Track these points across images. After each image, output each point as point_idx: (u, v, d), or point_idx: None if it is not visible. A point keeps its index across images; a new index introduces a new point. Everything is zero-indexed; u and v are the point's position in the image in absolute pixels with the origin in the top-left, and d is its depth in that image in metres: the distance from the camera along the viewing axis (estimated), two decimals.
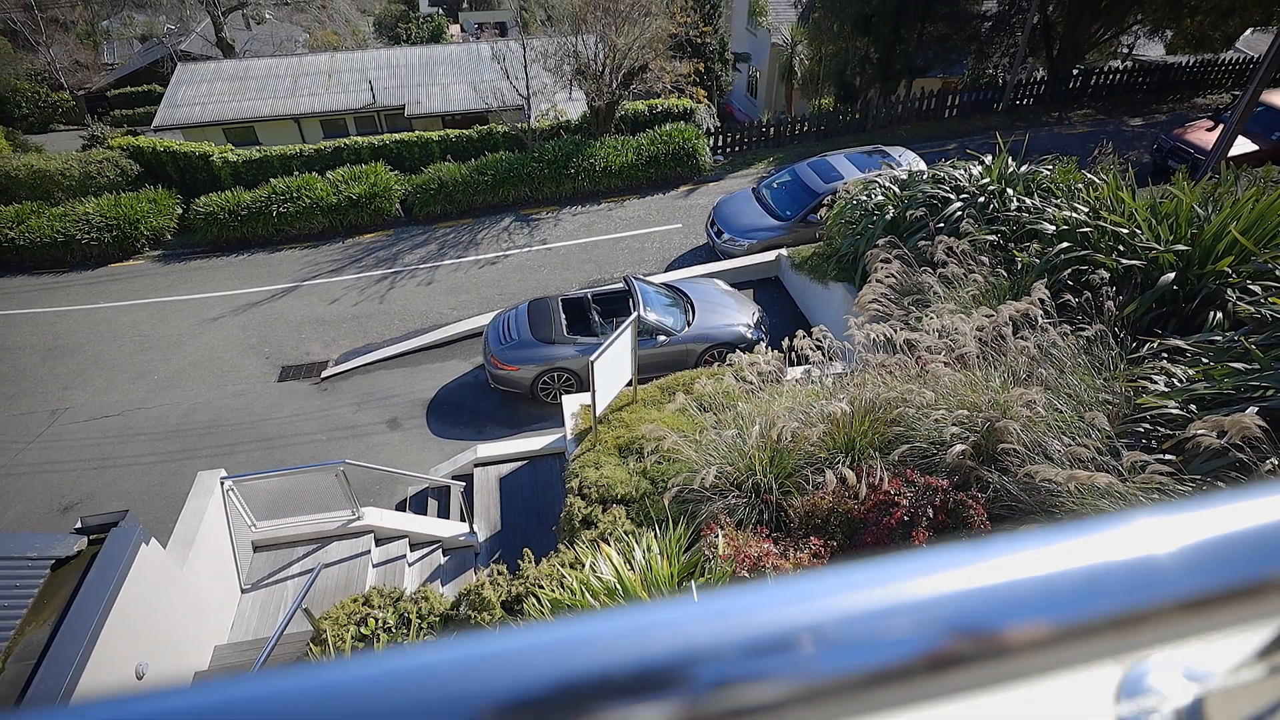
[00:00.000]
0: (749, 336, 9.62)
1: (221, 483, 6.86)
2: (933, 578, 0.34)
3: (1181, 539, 0.36)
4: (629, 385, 7.23)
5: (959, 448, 4.53)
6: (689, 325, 9.74)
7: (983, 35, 21.60)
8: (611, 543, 5.22)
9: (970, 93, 20.53)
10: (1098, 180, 7.60)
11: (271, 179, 16.03)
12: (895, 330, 5.76)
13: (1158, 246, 6.05)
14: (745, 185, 16.02)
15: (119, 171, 16.75)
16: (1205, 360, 4.82)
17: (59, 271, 15.30)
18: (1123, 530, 0.36)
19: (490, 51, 19.82)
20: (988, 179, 8.52)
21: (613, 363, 6.55)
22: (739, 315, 10.01)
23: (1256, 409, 3.94)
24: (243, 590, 6.97)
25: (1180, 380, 4.70)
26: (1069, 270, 6.31)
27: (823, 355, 6.11)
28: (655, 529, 5.25)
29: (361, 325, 12.59)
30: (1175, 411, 4.43)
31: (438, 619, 5.39)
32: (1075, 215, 6.90)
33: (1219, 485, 3.97)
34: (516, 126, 17.24)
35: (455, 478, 8.40)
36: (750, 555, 4.40)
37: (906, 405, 5.22)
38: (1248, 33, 21.90)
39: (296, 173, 16.32)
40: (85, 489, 9.44)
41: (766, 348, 6.28)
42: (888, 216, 8.93)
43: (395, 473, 8.32)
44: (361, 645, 5.23)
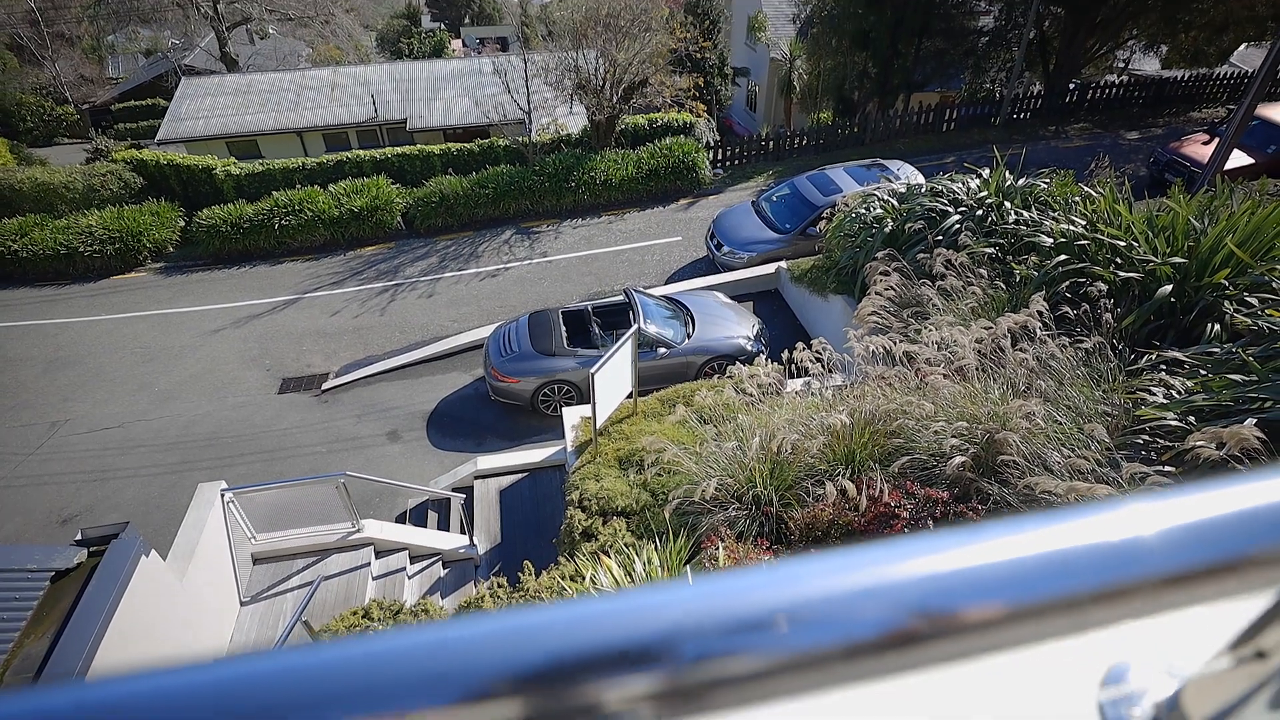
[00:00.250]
0: (749, 349, 9.64)
1: (222, 494, 6.85)
2: (898, 565, 0.37)
3: (1102, 535, 0.40)
4: (629, 397, 7.25)
5: (959, 459, 4.54)
6: (689, 338, 9.77)
7: (979, 50, 21.80)
8: (612, 555, 5.21)
9: (968, 107, 20.70)
10: (1095, 193, 7.65)
11: (274, 192, 16.12)
12: (894, 342, 5.78)
13: (1155, 259, 6.09)
14: (745, 198, 16.10)
15: (122, 184, 16.85)
16: (1203, 372, 4.84)
17: (61, 283, 15.35)
18: (1063, 525, 0.40)
19: (492, 66, 20.00)
20: (986, 192, 8.58)
21: (613, 375, 6.57)
22: (739, 328, 10.04)
23: (1255, 420, 3.95)
24: (242, 603, 6.95)
25: (1179, 392, 4.72)
26: (1067, 283, 6.35)
27: (822, 367, 6.13)
28: (656, 541, 5.24)
29: (362, 337, 12.62)
30: (1174, 423, 4.44)
31: None
32: (1073, 228, 6.94)
33: None
34: (517, 140, 17.37)
35: (455, 490, 8.39)
36: None
37: (906, 417, 5.23)
38: (1242, 48, 22.11)
39: (299, 186, 16.43)
40: (85, 501, 9.42)
41: (766, 360, 6.31)
42: (886, 229, 8.98)
43: (395, 485, 8.32)
44: None
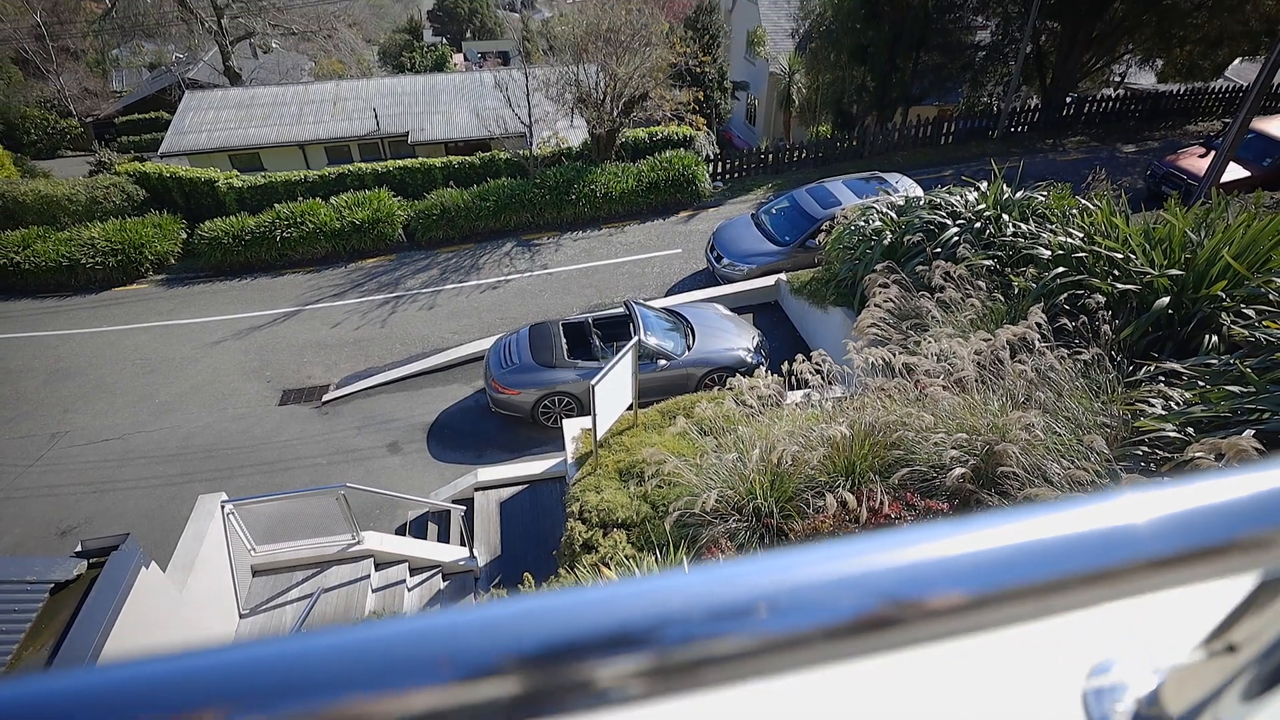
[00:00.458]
0: (749, 360, 9.66)
1: (222, 506, 6.85)
2: (869, 556, 0.41)
3: (1034, 533, 0.44)
4: (629, 409, 7.26)
5: (959, 471, 4.55)
6: (689, 349, 9.79)
7: (977, 64, 21.99)
8: (612, 567, 5.21)
9: (966, 120, 20.85)
10: (1092, 206, 7.70)
11: (276, 204, 16.21)
12: (894, 354, 5.80)
13: (1152, 271, 6.12)
14: (744, 211, 16.18)
15: (125, 197, 16.93)
16: (1201, 383, 4.86)
17: (63, 295, 15.41)
18: (1026, 520, 0.44)
19: (493, 80, 20.16)
20: (984, 205, 8.63)
21: (613, 387, 6.59)
22: (739, 339, 10.07)
23: (1253, 432, 3.97)
24: (241, 615, 6.92)
25: (1177, 403, 4.73)
26: (1065, 295, 6.38)
27: (822, 379, 6.15)
28: (656, 553, 5.24)
29: (363, 349, 12.65)
30: (1173, 434, 4.45)
31: None
32: (1070, 240, 6.98)
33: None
34: (519, 153, 17.48)
35: (455, 502, 8.38)
36: None
37: (906, 429, 5.24)
38: (1236, 62, 22.31)
39: (301, 198, 16.53)
40: (84, 513, 9.41)
41: (766, 372, 6.32)
42: (885, 242, 9.03)
43: (395, 497, 8.30)
44: None
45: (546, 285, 14.40)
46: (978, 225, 8.30)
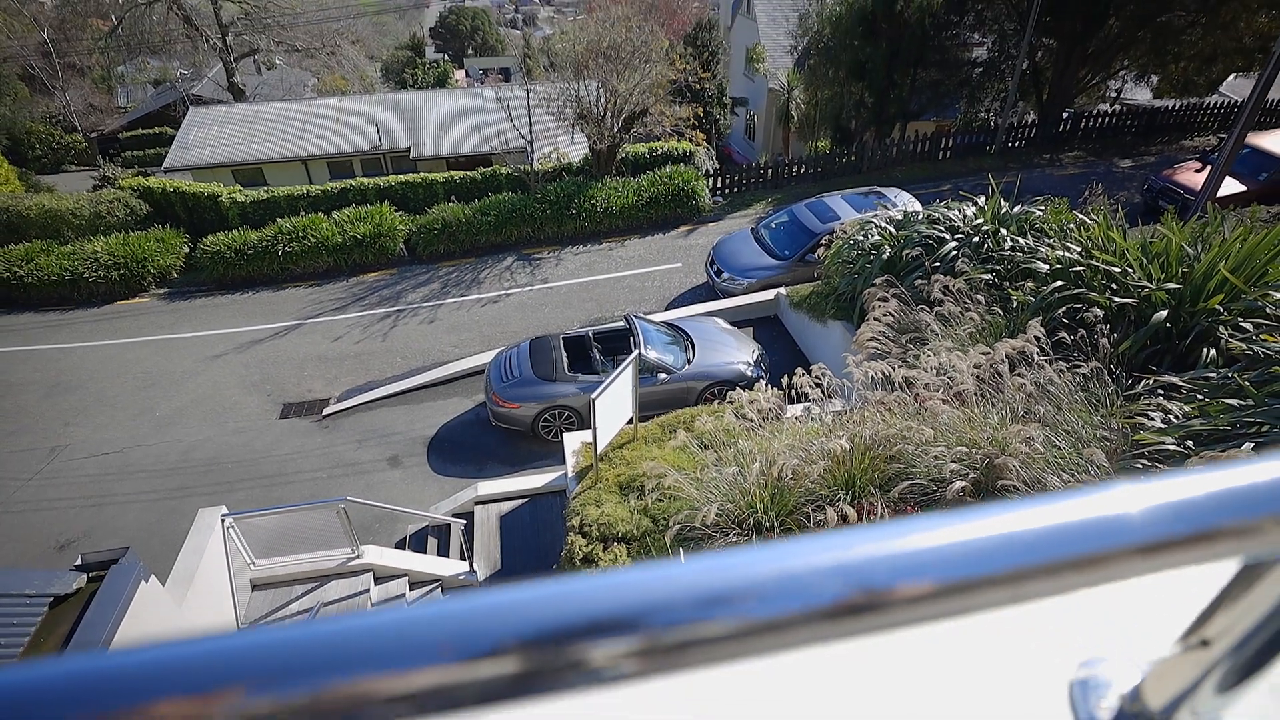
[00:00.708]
0: (749, 374, 9.68)
1: (222, 520, 6.84)
2: (848, 549, 0.44)
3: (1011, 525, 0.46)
4: (630, 423, 7.26)
5: (959, 484, 4.56)
6: (689, 363, 9.81)
7: (974, 81, 22.19)
8: None
9: (963, 135, 21.00)
10: (1089, 220, 7.74)
11: (278, 219, 16.32)
12: (893, 368, 5.82)
13: (1150, 285, 6.15)
14: (744, 225, 16.27)
15: (129, 211, 17.04)
16: (1200, 397, 4.87)
17: (65, 309, 15.46)
18: (999, 516, 0.47)
19: (494, 96, 20.34)
20: (982, 219, 8.69)
21: (614, 400, 6.60)
22: (739, 353, 10.09)
23: (1252, 445, 3.99)
24: (240, 629, 6.89)
25: (1176, 417, 4.75)
26: (1063, 308, 6.41)
27: (822, 393, 6.16)
28: None
29: (364, 363, 12.67)
30: (1172, 448, 4.46)
31: None
32: (1068, 254, 7.02)
33: None
34: (519, 168, 17.61)
35: (456, 515, 8.37)
36: None
37: (906, 442, 5.25)
38: (1231, 78, 22.49)
39: (303, 213, 16.63)
40: (83, 526, 9.39)
41: (766, 385, 6.33)
42: (884, 256, 9.07)
43: (396, 510, 8.29)
44: None
45: (547, 299, 14.45)
46: (976, 240, 8.35)
